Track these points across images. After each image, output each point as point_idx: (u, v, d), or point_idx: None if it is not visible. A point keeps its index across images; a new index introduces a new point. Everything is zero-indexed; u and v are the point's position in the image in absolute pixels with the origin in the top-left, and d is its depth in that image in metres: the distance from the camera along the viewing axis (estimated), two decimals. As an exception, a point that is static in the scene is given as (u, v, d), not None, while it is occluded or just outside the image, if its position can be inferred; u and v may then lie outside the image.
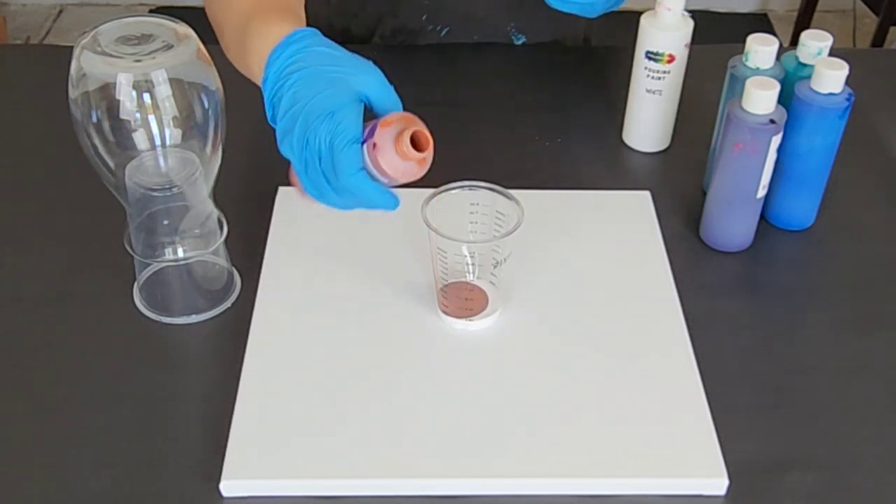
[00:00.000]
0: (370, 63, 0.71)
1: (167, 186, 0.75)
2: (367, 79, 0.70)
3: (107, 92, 0.71)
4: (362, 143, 0.67)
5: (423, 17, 1.12)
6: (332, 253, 0.85)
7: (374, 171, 0.68)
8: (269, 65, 0.72)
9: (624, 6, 0.90)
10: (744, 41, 0.87)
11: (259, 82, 0.74)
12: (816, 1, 2.66)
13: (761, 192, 0.85)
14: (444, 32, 1.14)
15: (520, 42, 1.17)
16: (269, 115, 0.73)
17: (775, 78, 0.82)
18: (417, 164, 0.68)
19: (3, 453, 0.71)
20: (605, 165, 1.00)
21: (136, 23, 0.74)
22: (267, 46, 0.72)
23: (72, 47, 0.73)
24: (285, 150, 0.71)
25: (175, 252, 0.79)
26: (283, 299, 0.81)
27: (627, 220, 0.90)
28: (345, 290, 0.82)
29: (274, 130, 0.72)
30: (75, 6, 3.04)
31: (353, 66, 0.70)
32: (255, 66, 0.75)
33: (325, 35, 0.74)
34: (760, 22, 2.97)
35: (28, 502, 0.68)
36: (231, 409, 0.72)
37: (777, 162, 0.85)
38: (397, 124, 0.67)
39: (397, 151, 0.66)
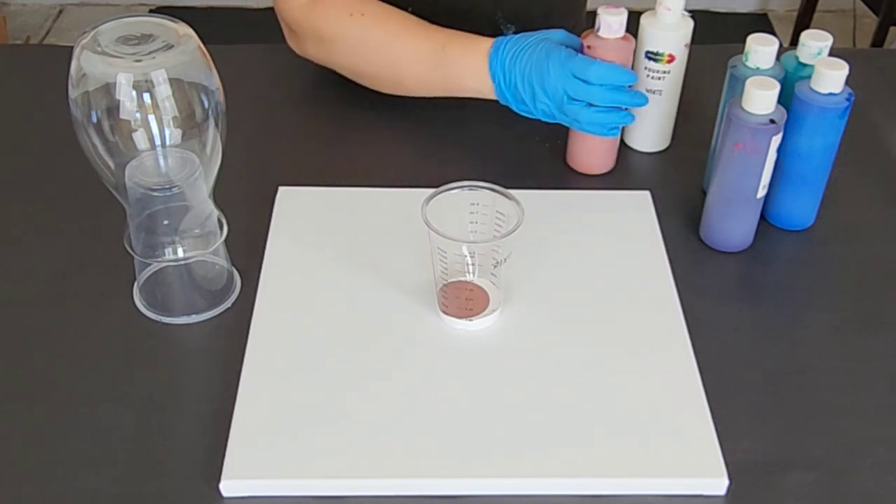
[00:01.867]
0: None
1: (167, 186, 0.75)
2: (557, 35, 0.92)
3: (107, 92, 0.71)
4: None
5: (408, 10, 1.12)
6: (331, 253, 0.85)
7: None
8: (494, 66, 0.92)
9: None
10: (744, 41, 0.87)
11: (459, 88, 0.97)
12: (816, 1, 2.66)
13: (761, 192, 0.85)
14: None
15: (510, 32, 1.16)
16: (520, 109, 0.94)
17: (775, 78, 0.82)
18: (624, 40, 0.91)
19: (3, 453, 0.71)
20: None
21: (136, 23, 0.74)
22: (480, 55, 0.94)
23: (72, 47, 0.73)
24: (552, 114, 0.91)
25: (175, 252, 0.79)
26: (283, 299, 0.81)
27: (627, 220, 0.90)
28: (345, 291, 0.82)
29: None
30: (75, 6, 3.04)
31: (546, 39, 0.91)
32: (467, 76, 0.95)
33: None
34: (760, 22, 2.97)
35: (28, 502, 0.68)
36: (231, 409, 0.72)
37: (777, 162, 0.84)
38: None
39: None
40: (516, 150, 1.01)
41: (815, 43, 0.87)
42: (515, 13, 1.14)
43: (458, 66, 0.95)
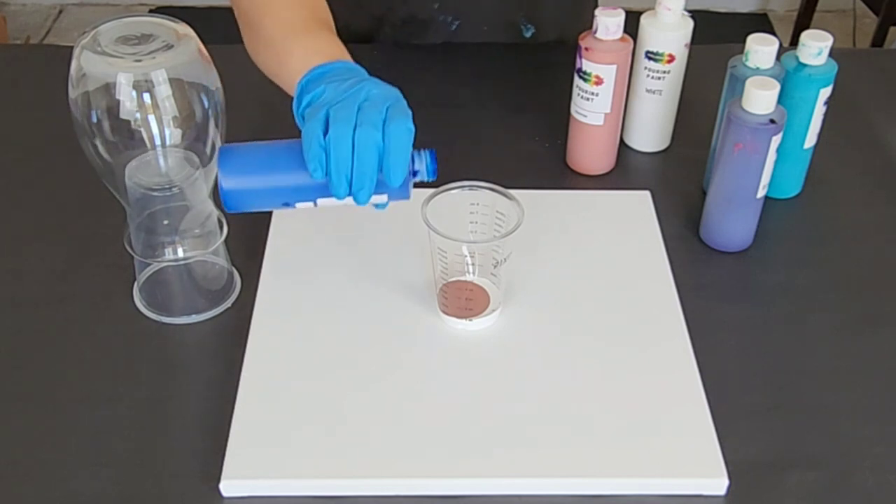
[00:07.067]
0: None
1: (167, 186, 0.75)
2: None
3: (107, 92, 0.71)
4: None
5: (436, 6, 1.12)
6: (332, 253, 0.85)
7: None
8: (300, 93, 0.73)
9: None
10: (744, 41, 0.87)
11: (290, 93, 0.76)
12: (816, 1, 2.66)
13: (761, 192, 0.85)
14: (454, 26, 1.14)
15: (529, 34, 1.16)
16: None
17: (775, 78, 0.82)
18: (622, 42, 0.89)
19: (3, 453, 0.71)
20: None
21: (136, 23, 0.74)
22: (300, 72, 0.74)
23: (72, 47, 0.73)
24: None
25: (175, 252, 0.79)
26: (283, 299, 0.81)
27: (627, 220, 0.90)
28: (345, 291, 0.82)
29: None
30: (75, 6, 3.04)
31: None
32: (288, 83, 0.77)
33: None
34: (760, 22, 2.97)
35: (28, 502, 0.68)
36: (231, 409, 0.72)
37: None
38: None
39: None
40: (516, 150, 1.01)
41: (815, 43, 0.87)
42: (536, 15, 1.15)
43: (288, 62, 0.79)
